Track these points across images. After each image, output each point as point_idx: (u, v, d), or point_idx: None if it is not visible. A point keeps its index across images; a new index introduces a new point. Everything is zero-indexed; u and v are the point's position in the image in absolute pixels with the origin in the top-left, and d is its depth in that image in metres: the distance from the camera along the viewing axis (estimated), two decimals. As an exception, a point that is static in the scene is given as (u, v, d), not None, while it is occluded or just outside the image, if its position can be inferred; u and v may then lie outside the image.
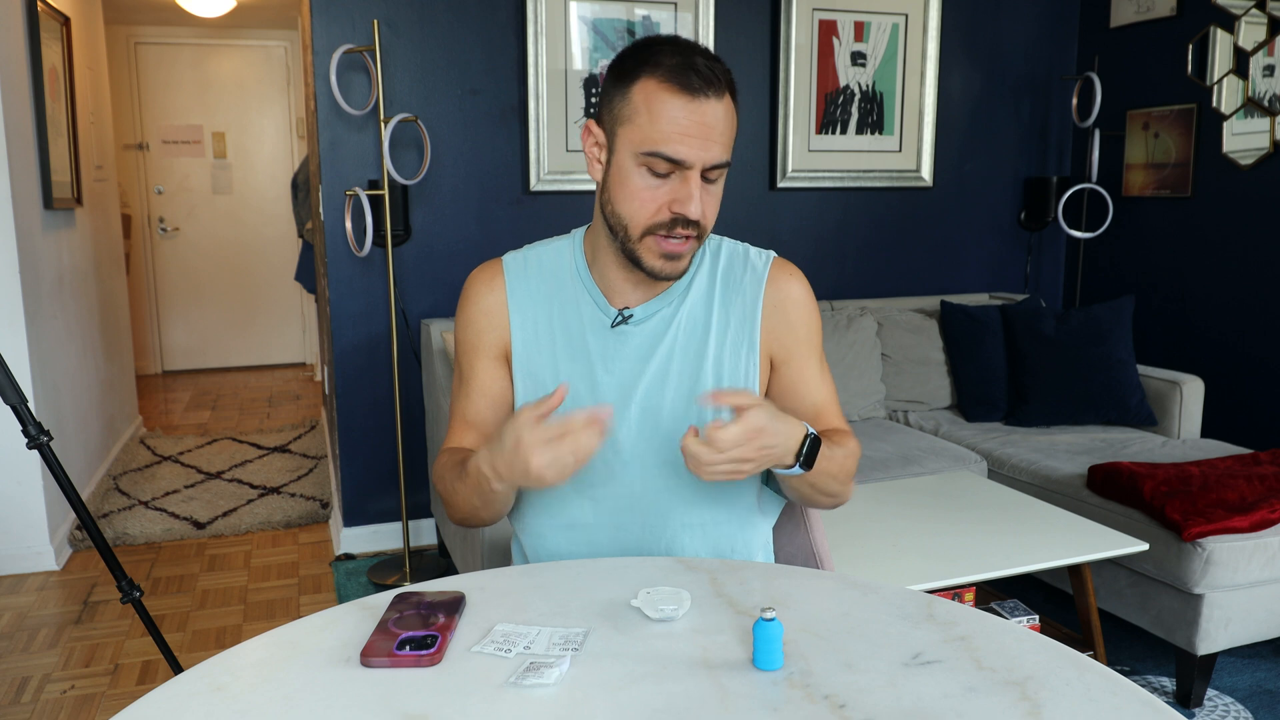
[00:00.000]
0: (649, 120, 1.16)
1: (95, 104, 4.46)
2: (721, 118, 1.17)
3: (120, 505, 3.82)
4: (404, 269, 3.29)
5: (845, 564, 2.01)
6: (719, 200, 1.23)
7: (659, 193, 1.18)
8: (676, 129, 1.15)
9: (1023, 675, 0.94)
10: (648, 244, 1.21)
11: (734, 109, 1.21)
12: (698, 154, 1.16)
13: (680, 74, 1.15)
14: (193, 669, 0.97)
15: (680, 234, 1.19)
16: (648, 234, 1.20)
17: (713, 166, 1.17)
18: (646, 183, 1.19)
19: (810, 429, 1.18)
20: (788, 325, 1.32)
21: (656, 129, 1.16)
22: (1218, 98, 3.44)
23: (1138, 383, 3.21)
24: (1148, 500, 2.42)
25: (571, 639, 1.01)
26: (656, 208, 1.19)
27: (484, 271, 1.35)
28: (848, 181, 3.77)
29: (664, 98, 1.16)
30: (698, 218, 1.18)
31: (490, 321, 1.33)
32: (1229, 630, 2.32)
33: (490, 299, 1.33)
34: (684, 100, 1.15)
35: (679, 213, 1.18)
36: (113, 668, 2.59)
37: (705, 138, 1.15)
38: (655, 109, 1.16)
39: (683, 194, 1.17)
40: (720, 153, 1.17)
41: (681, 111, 1.15)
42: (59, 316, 3.58)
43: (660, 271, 1.22)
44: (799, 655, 0.98)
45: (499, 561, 2.31)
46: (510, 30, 3.29)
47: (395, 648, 0.98)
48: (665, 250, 1.20)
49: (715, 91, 1.16)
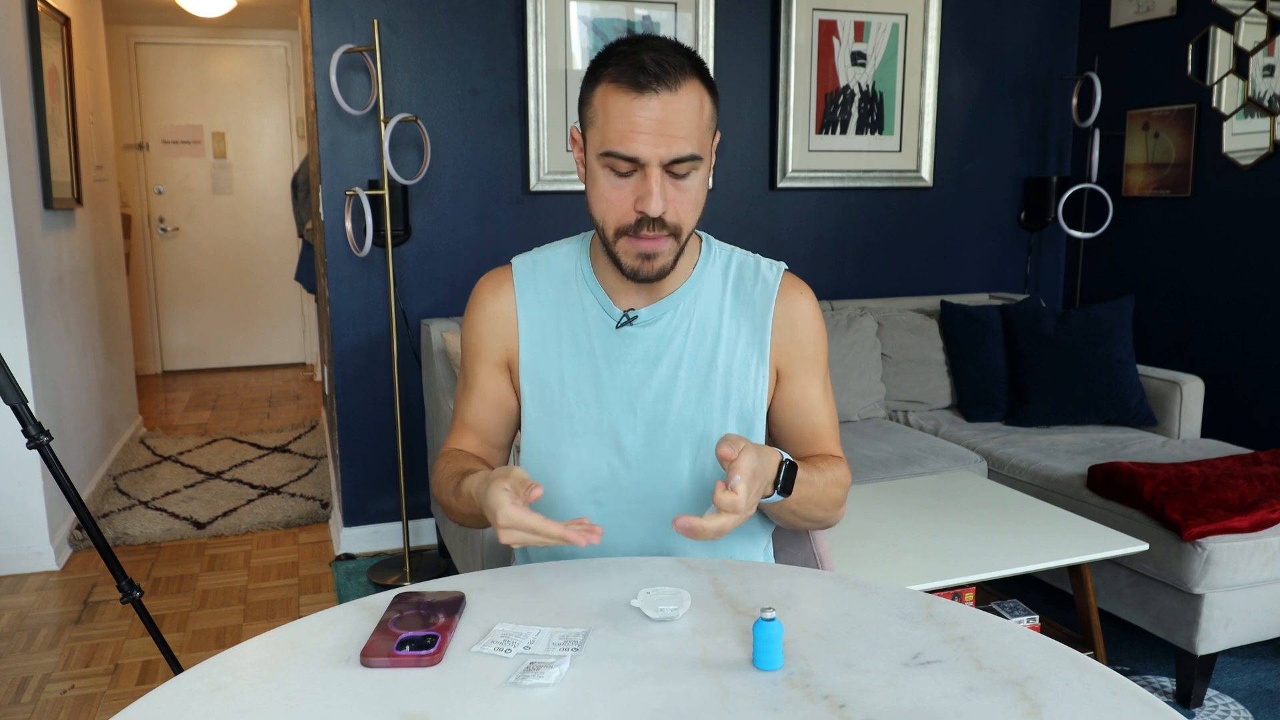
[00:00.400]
0: (605, 121, 1.17)
1: (95, 104, 4.46)
2: (680, 110, 1.15)
3: (120, 505, 3.82)
4: (404, 269, 3.28)
5: (845, 564, 2.01)
6: (695, 199, 1.20)
7: (624, 193, 1.18)
8: (628, 127, 1.14)
9: (1023, 675, 0.94)
10: (622, 246, 1.20)
11: (704, 97, 1.18)
12: (650, 150, 1.14)
13: (628, 72, 1.14)
14: (193, 669, 0.97)
15: (648, 234, 1.18)
16: (620, 235, 1.20)
17: (675, 160, 1.16)
18: (611, 183, 1.18)
19: (786, 455, 1.18)
20: (797, 341, 1.32)
21: (611, 129, 1.16)
22: (1218, 98, 3.44)
23: (1138, 383, 3.21)
24: (1148, 500, 2.42)
25: (571, 639, 1.01)
26: (623, 209, 1.18)
27: (492, 278, 1.35)
28: (848, 181, 3.77)
29: (615, 97, 1.15)
30: (658, 215, 1.16)
31: (494, 328, 1.33)
32: (1229, 630, 2.32)
33: (496, 305, 1.33)
34: (631, 97, 1.14)
35: (642, 211, 1.17)
36: (113, 668, 2.59)
37: (658, 132, 1.14)
38: (609, 109, 1.16)
39: (643, 191, 1.16)
40: (684, 146, 1.15)
41: (631, 108, 1.14)
42: (59, 316, 3.58)
43: (638, 272, 1.21)
44: (799, 655, 0.98)
45: (499, 561, 2.31)
46: (510, 30, 3.29)
47: (395, 648, 0.98)
48: (638, 250, 1.19)
49: (666, 84, 1.14)
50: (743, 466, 1.07)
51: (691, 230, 1.23)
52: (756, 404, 1.30)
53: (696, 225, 1.25)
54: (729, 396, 1.29)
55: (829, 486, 1.27)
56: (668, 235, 1.19)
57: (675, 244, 1.21)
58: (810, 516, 1.27)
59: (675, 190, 1.18)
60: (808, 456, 1.33)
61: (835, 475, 1.29)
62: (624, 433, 1.28)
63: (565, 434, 1.29)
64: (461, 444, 1.36)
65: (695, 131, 1.17)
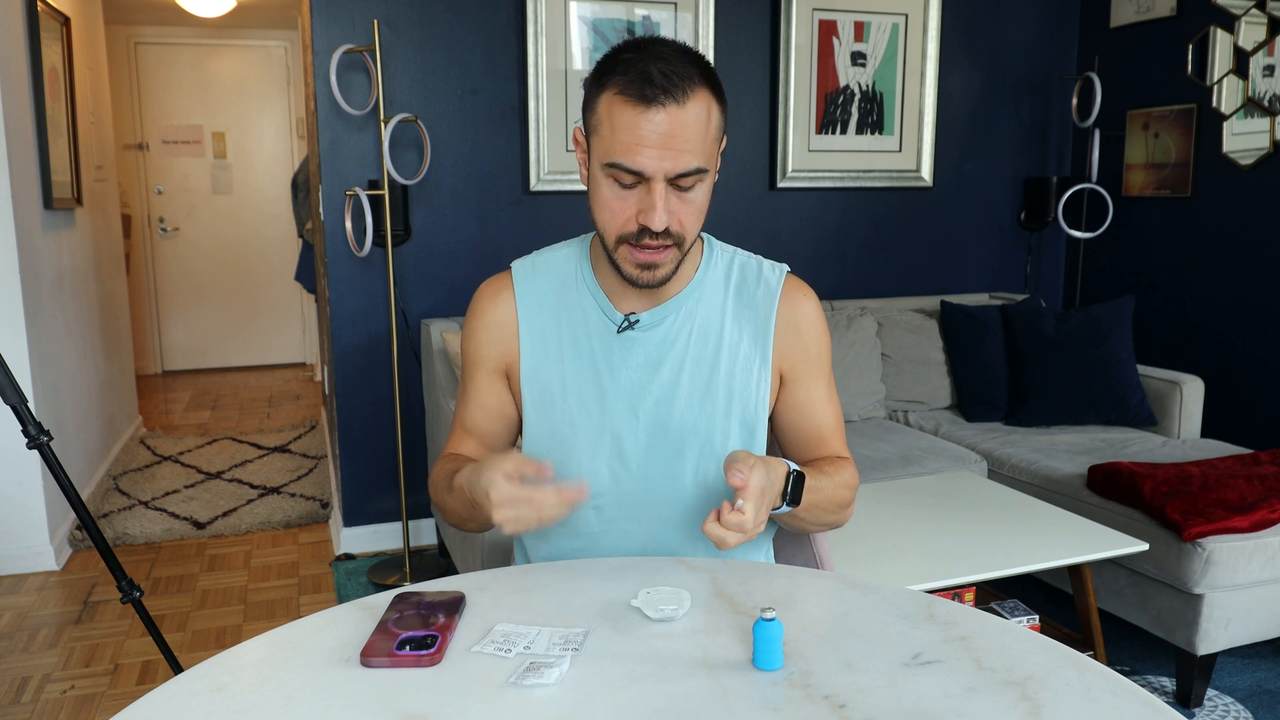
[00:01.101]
0: (610, 132, 1.15)
1: (95, 104, 4.46)
2: (687, 124, 1.13)
3: (120, 505, 3.82)
4: (404, 269, 3.29)
5: (845, 564, 2.01)
6: (700, 208, 1.19)
7: (627, 204, 1.17)
8: (633, 140, 1.13)
9: (1023, 675, 0.94)
10: (623, 253, 1.20)
11: (711, 107, 1.16)
12: (656, 164, 1.13)
13: (635, 84, 1.12)
14: (193, 669, 0.97)
15: (650, 244, 1.17)
16: (620, 243, 1.19)
17: (682, 175, 1.14)
18: (615, 193, 1.17)
19: (793, 466, 1.17)
20: (801, 344, 1.32)
21: (616, 140, 1.14)
22: (1218, 98, 3.44)
23: (1138, 383, 3.21)
24: (1148, 500, 2.42)
25: (571, 639, 1.01)
26: (625, 218, 1.17)
27: (491, 285, 1.35)
28: (848, 181, 3.77)
29: (621, 109, 1.13)
30: (661, 229, 1.15)
31: (493, 335, 1.32)
32: (1229, 630, 2.32)
33: (495, 313, 1.32)
34: (639, 110, 1.12)
35: (644, 224, 1.15)
36: (113, 668, 2.59)
37: (665, 146, 1.12)
38: (615, 120, 1.14)
39: (646, 204, 1.15)
40: (689, 160, 1.14)
41: (637, 122, 1.12)
42: (59, 316, 3.58)
43: (638, 280, 1.20)
44: (799, 655, 0.98)
45: (499, 562, 2.31)
46: (510, 30, 3.29)
47: (395, 648, 0.98)
48: (638, 260, 1.19)
49: (675, 98, 1.12)
50: (751, 488, 1.07)
51: (695, 239, 1.22)
52: (759, 408, 1.30)
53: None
54: (731, 400, 1.29)
55: (837, 490, 1.27)
56: (670, 245, 1.18)
57: (678, 253, 1.20)
58: (819, 521, 1.27)
59: (679, 203, 1.17)
60: (814, 460, 1.32)
61: (843, 478, 1.29)
62: (626, 438, 1.28)
63: (566, 439, 1.29)
64: (461, 448, 1.37)
65: (701, 144, 1.15)
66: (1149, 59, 3.71)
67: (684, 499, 1.29)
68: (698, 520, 1.30)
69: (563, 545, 1.33)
